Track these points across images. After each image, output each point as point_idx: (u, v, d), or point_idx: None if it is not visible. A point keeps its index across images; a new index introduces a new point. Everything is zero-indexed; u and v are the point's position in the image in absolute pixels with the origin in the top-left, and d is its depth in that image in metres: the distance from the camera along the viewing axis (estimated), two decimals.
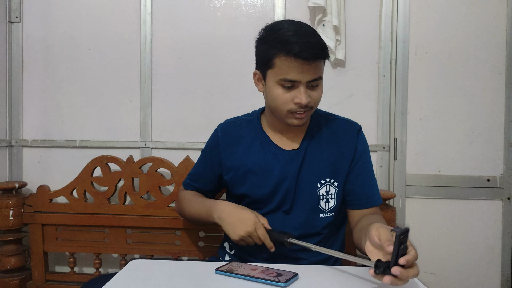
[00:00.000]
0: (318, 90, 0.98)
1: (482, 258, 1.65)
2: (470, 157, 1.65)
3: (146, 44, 1.70)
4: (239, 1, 1.68)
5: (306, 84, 0.95)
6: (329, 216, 1.06)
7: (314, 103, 0.99)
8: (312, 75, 0.94)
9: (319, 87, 0.99)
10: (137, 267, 0.89)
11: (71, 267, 1.60)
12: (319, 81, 0.97)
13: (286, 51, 0.92)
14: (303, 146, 1.06)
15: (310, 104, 0.97)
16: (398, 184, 1.66)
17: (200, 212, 1.09)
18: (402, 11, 1.64)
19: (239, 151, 1.09)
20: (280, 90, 0.96)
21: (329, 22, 1.58)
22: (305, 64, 0.92)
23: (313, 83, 0.96)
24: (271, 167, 1.05)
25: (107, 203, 1.56)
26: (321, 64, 0.97)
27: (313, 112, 1.02)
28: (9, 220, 1.54)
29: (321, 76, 0.97)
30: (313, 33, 0.97)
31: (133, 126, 1.72)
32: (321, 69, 0.97)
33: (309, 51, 0.91)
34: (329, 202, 1.05)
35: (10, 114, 1.75)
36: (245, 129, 1.12)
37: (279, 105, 0.98)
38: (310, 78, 0.94)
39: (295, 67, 0.93)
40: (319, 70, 0.96)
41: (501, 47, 1.63)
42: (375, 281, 0.81)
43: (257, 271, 0.82)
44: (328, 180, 1.05)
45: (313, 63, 0.93)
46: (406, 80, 1.65)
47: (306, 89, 0.95)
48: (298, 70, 0.93)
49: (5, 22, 1.73)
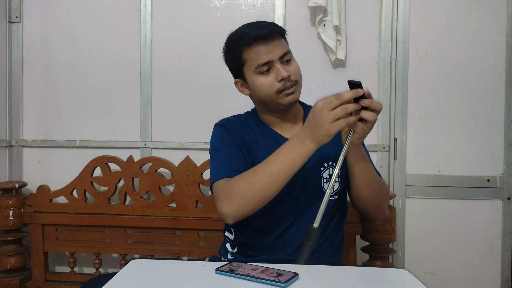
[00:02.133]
0: (293, 64, 1.04)
1: (482, 258, 1.65)
2: (470, 157, 1.65)
3: (146, 44, 1.70)
4: (239, 1, 1.69)
5: (280, 61, 1.01)
6: (333, 198, 1.07)
7: (295, 76, 1.03)
8: (280, 50, 1.01)
9: (293, 61, 1.04)
10: (137, 267, 0.89)
11: (71, 267, 1.60)
12: (289, 55, 1.03)
13: (247, 42, 1.01)
14: None
15: (292, 77, 1.02)
16: (398, 184, 1.66)
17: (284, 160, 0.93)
18: (402, 11, 1.64)
19: (247, 141, 1.10)
20: (261, 78, 1.02)
21: (330, 22, 1.58)
22: (267, 43, 1.00)
23: (284, 58, 1.02)
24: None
25: (107, 203, 1.56)
26: (283, 41, 1.04)
27: (300, 87, 1.06)
28: (9, 220, 1.54)
29: (289, 51, 1.04)
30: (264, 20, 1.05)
31: (133, 126, 1.72)
32: (286, 45, 1.05)
33: (264, 29, 1.00)
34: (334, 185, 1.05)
35: (10, 114, 1.75)
36: (248, 122, 1.14)
37: (266, 90, 1.02)
38: (280, 53, 1.01)
39: (261, 50, 1.00)
40: (284, 46, 1.03)
41: (501, 47, 1.63)
42: (375, 281, 0.81)
43: (257, 271, 0.82)
44: (331, 164, 1.07)
45: (274, 40, 1.01)
46: (406, 80, 1.65)
47: (281, 65, 1.01)
48: (265, 51, 1.00)
49: (5, 22, 1.74)
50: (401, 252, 1.66)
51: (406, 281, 0.81)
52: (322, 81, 1.67)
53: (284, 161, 0.92)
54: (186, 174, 1.53)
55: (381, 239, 1.42)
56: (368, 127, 0.88)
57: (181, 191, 1.53)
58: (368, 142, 1.66)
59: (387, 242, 1.46)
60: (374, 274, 0.86)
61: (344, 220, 1.15)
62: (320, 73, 1.67)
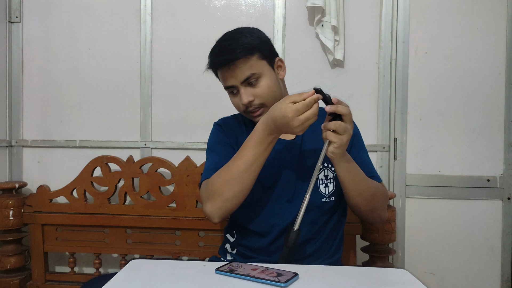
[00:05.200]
0: (260, 85, 1.01)
1: (482, 258, 1.65)
2: (470, 157, 1.65)
3: (146, 44, 1.70)
4: (239, 1, 1.69)
5: (244, 84, 1.00)
6: (330, 200, 1.06)
7: (260, 99, 1.01)
8: (241, 75, 0.99)
9: (261, 81, 1.01)
10: (137, 267, 0.89)
11: (71, 267, 1.60)
12: (255, 76, 1.00)
13: (211, 65, 1.05)
14: (298, 136, 1.08)
15: (256, 100, 1.01)
16: (398, 184, 1.66)
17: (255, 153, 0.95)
18: (402, 11, 1.64)
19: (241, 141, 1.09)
20: (231, 97, 1.06)
21: (328, 23, 1.58)
22: (228, 68, 1.00)
23: (249, 81, 1.00)
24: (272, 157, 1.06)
25: (107, 203, 1.56)
26: (251, 61, 1.00)
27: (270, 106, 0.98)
28: (9, 220, 1.54)
29: (254, 72, 1.00)
30: (231, 37, 1.02)
31: (133, 126, 1.72)
32: (251, 66, 1.00)
33: (222, 57, 0.99)
34: (329, 187, 1.06)
35: (10, 114, 1.75)
36: (244, 122, 1.14)
37: (237, 109, 1.07)
38: (242, 78, 1.00)
39: (225, 75, 1.02)
40: (247, 69, 0.99)
41: (501, 47, 1.63)
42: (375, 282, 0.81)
43: (257, 271, 0.82)
44: (326, 165, 1.07)
45: (237, 64, 0.99)
46: (406, 80, 1.65)
47: (247, 88, 1.01)
48: (227, 76, 1.01)
49: (5, 22, 1.74)
50: (401, 252, 1.66)
51: (406, 281, 0.81)
52: (321, 81, 1.67)
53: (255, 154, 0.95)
54: (186, 174, 1.53)
55: (381, 239, 1.42)
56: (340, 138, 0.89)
57: (181, 191, 1.53)
58: (368, 142, 1.66)
59: (387, 242, 1.46)
60: (374, 274, 0.87)
61: (343, 220, 1.15)
62: (318, 73, 1.67)
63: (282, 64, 1.08)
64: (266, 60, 1.03)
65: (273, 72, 1.04)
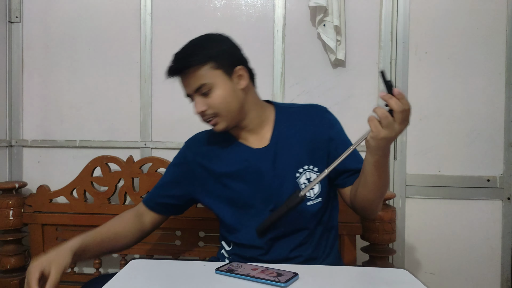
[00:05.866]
0: (212, 96, 1.00)
1: (482, 258, 1.65)
2: (470, 157, 1.65)
3: (146, 44, 1.70)
4: (239, 1, 1.68)
5: (198, 93, 1.01)
6: (317, 202, 1.04)
7: (213, 109, 1.01)
8: (192, 85, 1.00)
9: (213, 92, 0.99)
10: (137, 267, 0.89)
11: (71, 267, 1.60)
12: (206, 86, 0.99)
13: (167, 72, 1.02)
14: (272, 141, 1.06)
15: (209, 110, 1.01)
16: (398, 184, 1.66)
17: None
18: (402, 11, 1.64)
19: (214, 159, 1.09)
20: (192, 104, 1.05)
21: (330, 22, 1.58)
22: (183, 76, 1.01)
23: (201, 91, 1.00)
24: (245, 169, 1.05)
25: (107, 203, 1.56)
26: (202, 71, 0.99)
27: (225, 115, 1.02)
28: (9, 220, 1.54)
29: (205, 83, 0.99)
30: (189, 45, 1.03)
31: (133, 126, 1.72)
32: (202, 76, 0.99)
33: (174, 66, 1.00)
34: (313, 189, 1.04)
35: (10, 114, 1.75)
36: (216, 138, 1.12)
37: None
38: (193, 88, 1.00)
39: (182, 82, 1.03)
40: (198, 78, 0.99)
41: (501, 47, 1.63)
42: (375, 281, 0.81)
43: (257, 271, 0.82)
44: (307, 168, 1.04)
45: (189, 74, 0.99)
46: (406, 80, 1.65)
47: (200, 97, 1.01)
48: (183, 84, 1.03)
49: (5, 22, 1.74)
50: (401, 252, 1.66)
51: (406, 281, 0.82)
52: (322, 81, 1.67)
53: None
54: None
55: (381, 239, 1.42)
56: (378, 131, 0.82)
57: None
58: None
59: (387, 242, 1.46)
60: (374, 274, 0.87)
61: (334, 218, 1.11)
62: (319, 73, 1.67)
63: (244, 73, 1.03)
64: (222, 69, 1.00)
65: (230, 82, 1.01)
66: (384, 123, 0.81)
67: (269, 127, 1.08)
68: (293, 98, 1.67)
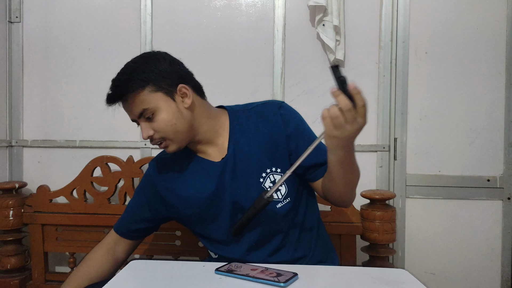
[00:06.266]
0: (157, 120, 0.96)
1: (482, 258, 1.65)
2: (470, 157, 1.65)
3: (146, 44, 1.70)
4: (239, 1, 1.68)
5: (141, 119, 0.98)
6: (286, 202, 1.01)
7: (160, 133, 0.97)
8: (134, 111, 0.97)
9: (157, 116, 0.96)
10: (137, 267, 0.89)
11: (71, 267, 1.60)
12: (149, 110, 0.95)
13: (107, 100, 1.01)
14: (230, 150, 1.02)
15: (156, 135, 0.97)
16: (398, 184, 1.66)
17: None
18: (402, 11, 1.64)
19: (177, 180, 1.07)
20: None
21: (330, 22, 1.58)
22: (124, 103, 0.99)
23: (144, 116, 0.97)
24: (207, 184, 1.02)
25: (107, 203, 1.56)
26: (139, 96, 0.95)
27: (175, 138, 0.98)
28: (9, 220, 1.54)
29: (146, 108, 0.95)
30: (124, 70, 1.01)
31: (133, 126, 1.70)
32: (143, 101, 0.95)
33: (112, 94, 0.99)
34: (280, 190, 1.01)
35: (10, 114, 1.75)
36: (177, 155, 1.09)
37: None
38: (135, 114, 0.98)
39: (124, 108, 1.00)
40: (139, 104, 0.96)
41: (501, 47, 1.63)
42: (375, 281, 0.81)
43: (256, 271, 0.82)
44: (270, 170, 1.00)
45: (129, 100, 0.97)
46: (406, 80, 1.65)
47: (145, 122, 0.98)
48: (125, 110, 1.00)
49: (5, 22, 1.74)
50: (401, 252, 1.66)
51: (406, 281, 0.82)
52: (321, 81, 1.67)
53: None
54: None
55: (381, 239, 1.42)
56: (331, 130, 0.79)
57: None
58: (368, 142, 1.66)
59: (387, 242, 1.46)
60: (374, 274, 0.87)
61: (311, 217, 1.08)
62: (319, 73, 1.67)
63: (187, 91, 0.99)
64: (162, 91, 0.96)
65: (172, 103, 0.97)
66: (335, 122, 0.78)
67: (225, 136, 1.04)
68: (293, 98, 1.67)
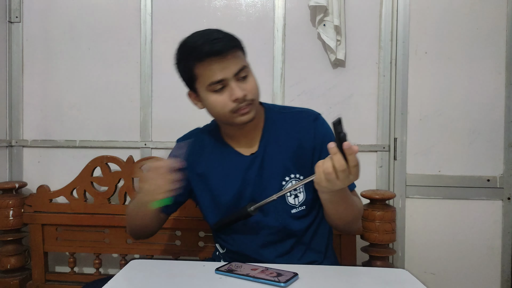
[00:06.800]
0: (250, 80, 0.96)
1: (482, 258, 1.65)
2: (470, 157, 1.64)
3: (146, 44, 1.70)
4: (239, 1, 1.68)
5: (235, 78, 0.93)
6: (301, 210, 1.02)
7: (251, 94, 0.95)
8: (235, 66, 0.93)
9: (249, 76, 0.96)
10: (137, 267, 0.89)
11: (71, 267, 1.60)
12: (246, 70, 0.95)
13: (199, 57, 0.93)
14: (261, 148, 1.04)
15: (248, 96, 0.94)
16: (398, 184, 1.66)
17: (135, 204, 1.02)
18: (402, 11, 1.64)
19: (202, 160, 1.07)
20: (214, 96, 0.95)
21: (330, 22, 1.58)
22: (221, 59, 0.91)
23: (240, 75, 0.94)
24: (232, 174, 1.03)
25: (107, 203, 1.56)
26: (239, 53, 0.95)
27: (256, 104, 0.98)
28: (9, 220, 1.54)
29: (245, 65, 0.95)
30: (218, 30, 0.96)
31: (133, 126, 1.72)
32: (242, 58, 0.96)
33: (218, 44, 0.91)
34: (298, 197, 1.02)
35: (10, 114, 1.75)
36: (205, 139, 1.10)
37: (219, 110, 0.96)
38: (234, 70, 0.93)
39: (214, 67, 0.92)
40: (240, 60, 0.95)
41: (501, 47, 1.63)
42: (375, 281, 0.81)
43: (257, 271, 0.82)
44: (293, 176, 1.02)
45: (229, 56, 0.92)
46: (406, 80, 1.65)
47: (237, 83, 0.93)
48: (218, 68, 0.92)
49: (5, 22, 1.74)
50: (401, 252, 1.66)
51: (406, 281, 0.82)
52: (322, 81, 1.67)
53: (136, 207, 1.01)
54: None
55: (381, 239, 1.42)
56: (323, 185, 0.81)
57: None
58: (368, 142, 1.66)
59: (387, 242, 1.46)
60: (374, 274, 0.87)
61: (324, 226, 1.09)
62: (320, 73, 1.67)
63: None
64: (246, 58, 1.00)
65: None
66: (327, 177, 0.79)
67: (258, 131, 1.05)
68: (293, 98, 1.67)
